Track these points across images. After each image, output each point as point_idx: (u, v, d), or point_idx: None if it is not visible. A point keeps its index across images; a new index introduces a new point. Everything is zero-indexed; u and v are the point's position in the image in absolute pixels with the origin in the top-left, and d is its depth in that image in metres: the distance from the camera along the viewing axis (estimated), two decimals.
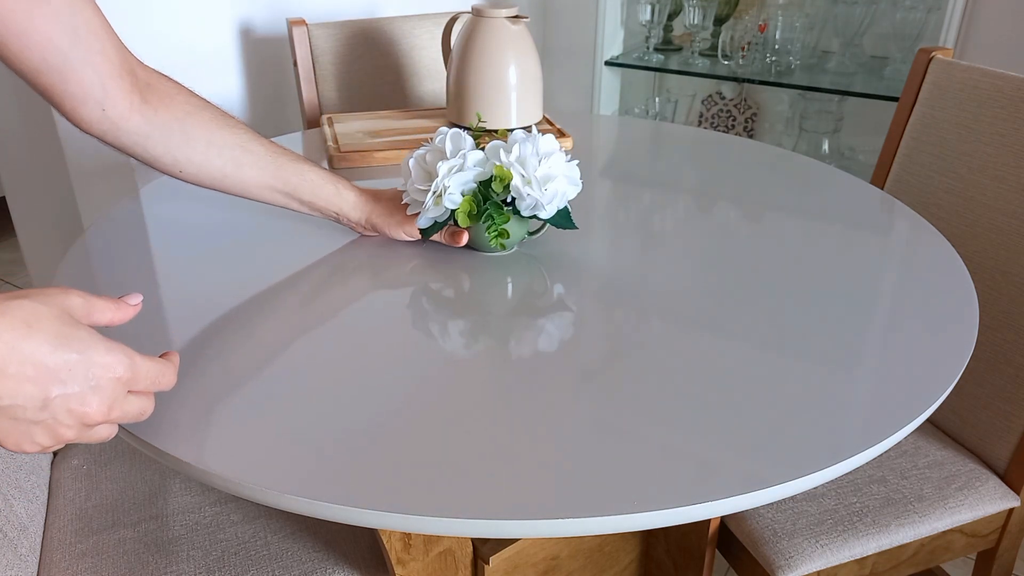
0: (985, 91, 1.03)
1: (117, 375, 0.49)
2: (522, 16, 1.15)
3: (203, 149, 0.78)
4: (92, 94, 0.69)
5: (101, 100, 0.70)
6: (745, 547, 0.92)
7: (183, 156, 0.77)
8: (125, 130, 0.73)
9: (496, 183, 0.79)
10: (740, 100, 2.19)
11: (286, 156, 0.83)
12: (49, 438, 0.49)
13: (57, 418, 0.48)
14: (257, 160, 0.81)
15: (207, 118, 0.78)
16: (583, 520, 0.52)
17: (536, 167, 0.79)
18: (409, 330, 0.72)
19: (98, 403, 0.49)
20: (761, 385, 0.65)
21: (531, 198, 0.79)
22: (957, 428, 1.03)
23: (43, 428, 0.48)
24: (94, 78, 0.68)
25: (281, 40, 1.66)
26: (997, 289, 0.98)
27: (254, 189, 0.82)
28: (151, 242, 0.90)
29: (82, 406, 0.48)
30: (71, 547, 0.84)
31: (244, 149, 0.80)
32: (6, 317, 0.45)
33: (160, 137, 0.75)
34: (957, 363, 0.68)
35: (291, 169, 0.83)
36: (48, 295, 0.48)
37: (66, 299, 0.49)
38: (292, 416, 0.61)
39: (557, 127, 1.22)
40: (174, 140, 0.76)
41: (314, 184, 0.84)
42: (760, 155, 1.18)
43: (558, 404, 0.62)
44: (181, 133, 0.76)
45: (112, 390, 0.49)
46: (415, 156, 0.84)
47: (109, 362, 0.49)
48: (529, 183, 0.78)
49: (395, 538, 0.76)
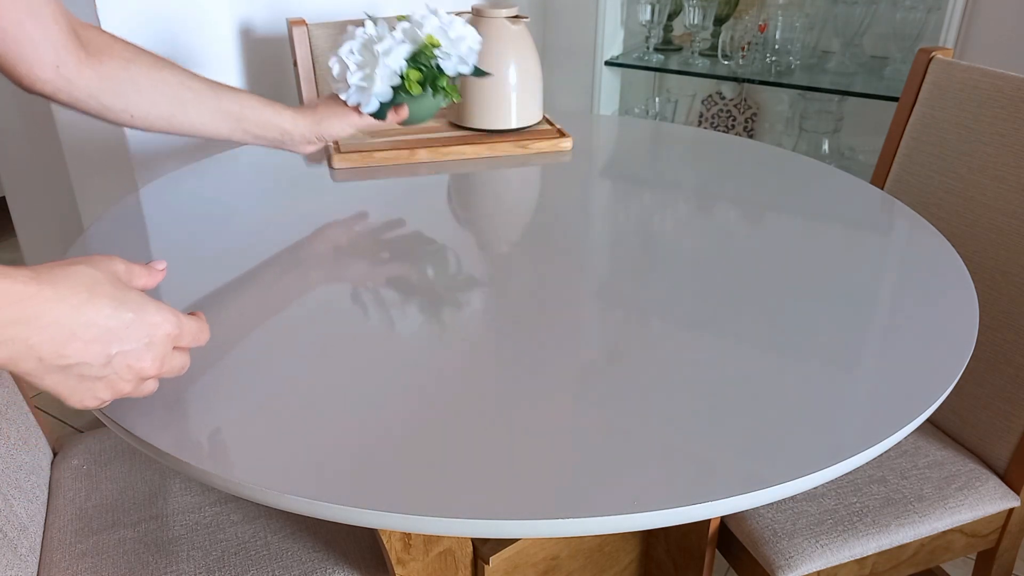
0: (985, 91, 1.03)
1: (167, 332, 0.54)
2: (522, 16, 1.15)
3: (149, 93, 0.83)
4: (46, 56, 0.74)
5: (55, 60, 0.75)
6: (745, 547, 0.92)
7: (132, 102, 0.82)
8: (78, 85, 0.78)
9: (429, 50, 0.93)
10: (740, 100, 2.19)
11: (224, 88, 0.88)
12: (109, 392, 0.53)
13: (118, 373, 0.52)
14: (198, 96, 0.86)
15: (147, 62, 0.83)
16: (583, 520, 0.52)
17: (452, 31, 0.95)
18: (409, 330, 0.72)
19: (151, 358, 0.53)
20: (761, 385, 0.65)
21: (456, 56, 0.95)
22: (957, 428, 1.03)
23: (105, 383, 0.52)
24: (46, 41, 0.73)
25: (281, 40, 1.66)
26: (997, 289, 0.98)
27: (199, 125, 0.87)
28: (151, 242, 0.90)
29: (139, 361, 0.53)
30: (71, 547, 0.84)
31: (185, 87, 0.85)
32: (69, 282, 0.49)
33: (110, 86, 0.80)
34: (957, 363, 0.68)
35: (231, 98, 0.88)
36: (98, 261, 0.53)
37: (112, 264, 0.54)
38: (292, 416, 0.61)
39: (557, 127, 1.22)
40: (123, 88, 0.81)
41: (255, 109, 0.90)
42: (760, 155, 1.18)
43: (558, 404, 0.62)
44: (128, 80, 0.81)
45: (163, 346, 0.54)
46: (343, 52, 0.93)
47: (159, 320, 0.53)
48: (453, 44, 0.95)
49: (395, 538, 0.76)
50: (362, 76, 0.91)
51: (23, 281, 0.47)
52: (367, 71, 0.91)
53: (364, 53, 0.92)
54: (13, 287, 0.47)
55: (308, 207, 0.99)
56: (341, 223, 0.95)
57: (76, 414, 1.78)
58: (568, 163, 1.15)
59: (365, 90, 0.92)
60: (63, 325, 0.48)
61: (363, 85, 0.92)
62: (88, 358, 0.50)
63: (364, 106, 0.94)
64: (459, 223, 0.96)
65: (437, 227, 0.94)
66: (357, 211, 0.98)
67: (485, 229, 0.94)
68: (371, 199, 1.01)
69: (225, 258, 0.86)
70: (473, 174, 1.10)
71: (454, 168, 1.12)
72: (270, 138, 0.93)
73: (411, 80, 0.93)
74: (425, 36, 0.93)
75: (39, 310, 0.47)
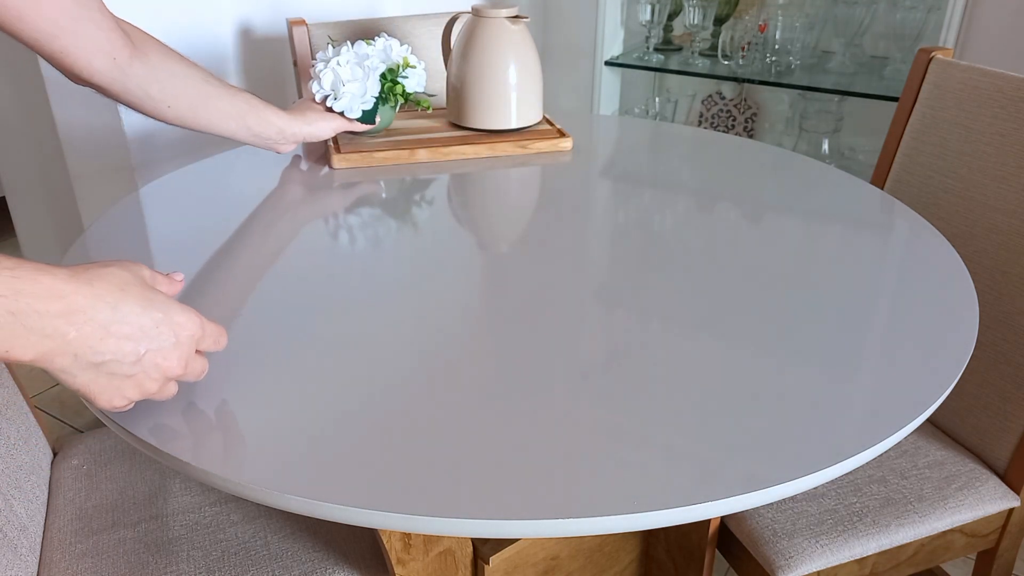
0: (985, 91, 1.03)
1: (191, 332, 0.56)
2: (522, 16, 1.15)
3: (185, 86, 0.89)
4: (102, 47, 0.79)
5: (110, 51, 0.80)
6: (745, 547, 0.92)
7: (172, 94, 0.88)
8: (130, 75, 0.83)
9: (399, 69, 1.13)
10: (740, 100, 2.19)
11: (232, 87, 0.96)
12: (137, 392, 0.54)
13: (146, 372, 0.54)
14: (218, 92, 0.93)
15: (177, 58, 0.89)
16: (583, 520, 0.52)
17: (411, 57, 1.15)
18: (408, 331, 0.72)
19: (177, 357, 0.55)
20: (761, 385, 0.65)
21: (417, 74, 1.14)
22: (957, 428, 1.03)
23: (133, 382, 0.54)
24: (99, 33, 0.78)
25: (281, 40, 1.66)
26: (997, 289, 0.98)
27: (215, 120, 0.94)
28: (151, 242, 0.90)
29: (166, 360, 0.54)
30: (71, 547, 0.84)
31: (208, 83, 0.92)
32: (104, 282, 0.51)
33: (157, 78, 0.86)
34: (957, 363, 0.68)
35: (241, 97, 0.96)
36: (127, 265, 0.55)
37: (140, 270, 0.56)
38: (292, 416, 0.61)
39: (557, 127, 1.22)
40: (164, 79, 0.87)
41: (257, 109, 0.97)
42: (760, 155, 1.18)
43: (558, 404, 0.62)
44: (168, 72, 0.87)
45: (188, 346, 0.56)
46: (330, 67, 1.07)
47: (184, 321, 0.55)
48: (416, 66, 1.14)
49: (395, 538, 0.76)
50: (356, 86, 1.07)
51: (63, 279, 0.49)
52: (358, 83, 1.07)
53: (354, 68, 1.07)
54: (55, 283, 0.48)
55: (308, 207, 0.99)
56: (341, 223, 0.95)
57: (76, 414, 1.79)
58: (568, 163, 1.15)
59: (356, 97, 1.08)
60: (99, 322, 0.50)
61: (355, 93, 1.07)
62: (121, 355, 0.51)
63: (349, 112, 1.08)
64: (459, 223, 0.96)
65: (437, 227, 0.94)
66: (357, 211, 0.98)
67: (485, 229, 0.94)
68: (371, 199, 1.01)
69: (224, 258, 0.86)
70: (473, 174, 1.10)
71: (454, 168, 1.12)
72: (266, 136, 1.00)
73: (395, 92, 1.12)
74: (402, 57, 1.13)
75: (79, 304, 0.49)
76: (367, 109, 1.10)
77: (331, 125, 1.07)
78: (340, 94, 1.08)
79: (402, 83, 1.13)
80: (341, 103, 1.08)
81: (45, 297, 0.48)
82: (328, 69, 1.08)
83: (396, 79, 1.13)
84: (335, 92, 1.08)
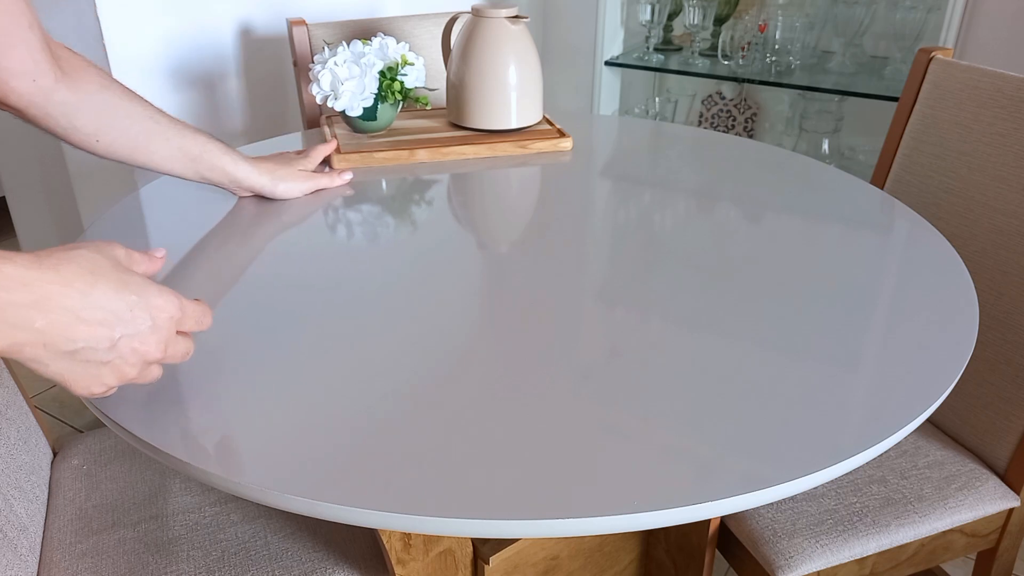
0: (985, 91, 1.03)
1: (170, 314, 0.54)
2: (522, 16, 1.15)
3: (121, 120, 0.84)
4: (25, 68, 0.74)
5: (33, 72, 0.75)
6: (745, 547, 0.92)
7: (103, 127, 0.83)
8: (53, 101, 0.78)
9: (397, 67, 1.13)
10: (740, 100, 2.19)
11: (188, 128, 0.91)
12: (115, 378, 0.53)
13: (123, 357, 0.52)
14: (164, 132, 0.88)
15: (120, 91, 0.84)
16: (583, 520, 0.52)
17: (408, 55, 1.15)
18: (408, 330, 0.72)
19: (155, 341, 0.53)
20: (761, 385, 0.65)
21: (415, 71, 1.14)
22: (957, 428, 1.03)
23: (110, 368, 0.52)
24: (26, 52, 0.73)
25: (281, 40, 1.66)
26: (997, 289, 0.98)
27: (158, 159, 0.89)
28: (150, 242, 0.90)
29: (143, 344, 0.52)
30: (71, 547, 0.84)
31: (154, 120, 0.87)
32: (73, 266, 0.49)
33: (83, 106, 0.81)
34: (957, 363, 0.68)
35: (193, 140, 0.91)
36: (99, 246, 0.52)
37: (112, 249, 0.54)
38: (292, 416, 0.61)
39: (557, 127, 1.22)
40: (97, 111, 0.82)
41: (213, 154, 0.93)
42: (760, 155, 1.18)
43: (558, 404, 0.62)
44: (103, 104, 0.82)
45: (167, 329, 0.54)
46: (328, 68, 1.08)
47: (162, 303, 0.53)
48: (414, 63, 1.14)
49: (395, 538, 0.76)
50: (354, 83, 1.08)
51: (25, 265, 0.47)
52: (356, 80, 1.08)
53: (351, 66, 1.08)
54: (16, 271, 0.47)
55: (308, 207, 0.99)
56: (341, 223, 0.95)
57: (76, 414, 1.79)
58: (568, 163, 1.15)
59: (355, 95, 1.09)
60: (68, 308, 0.48)
61: (354, 91, 1.08)
62: (94, 342, 0.50)
63: (350, 110, 1.10)
64: (459, 223, 0.96)
65: (437, 227, 0.94)
66: (357, 211, 0.98)
67: (485, 229, 0.94)
68: (371, 199, 1.01)
69: (225, 258, 0.86)
70: (473, 174, 1.10)
71: (454, 168, 1.12)
72: (217, 182, 0.96)
73: (393, 89, 1.12)
74: (399, 55, 1.13)
75: (46, 292, 0.47)
76: (367, 107, 1.12)
77: (301, 186, 1.01)
78: (340, 93, 1.09)
79: (401, 80, 1.14)
80: (341, 102, 1.09)
81: (8, 287, 0.46)
82: (326, 70, 1.09)
83: (395, 76, 1.13)
84: (335, 92, 1.09)
